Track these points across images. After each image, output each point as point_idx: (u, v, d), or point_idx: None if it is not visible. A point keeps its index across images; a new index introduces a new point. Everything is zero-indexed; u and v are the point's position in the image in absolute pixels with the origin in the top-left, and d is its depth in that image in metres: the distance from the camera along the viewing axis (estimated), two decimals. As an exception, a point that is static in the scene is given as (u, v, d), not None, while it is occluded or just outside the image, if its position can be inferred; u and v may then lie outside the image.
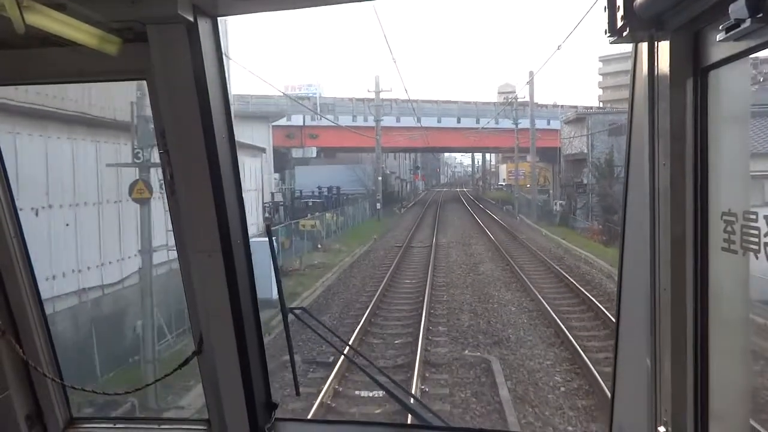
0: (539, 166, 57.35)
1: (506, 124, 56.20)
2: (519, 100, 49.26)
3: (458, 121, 59.75)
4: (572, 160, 45.20)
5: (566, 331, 12.07)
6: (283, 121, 49.35)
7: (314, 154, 51.09)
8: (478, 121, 57.89)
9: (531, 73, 42.74)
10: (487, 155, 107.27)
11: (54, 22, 1.64)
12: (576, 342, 11.46)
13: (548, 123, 55.38)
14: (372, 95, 46.97)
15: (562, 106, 58.55)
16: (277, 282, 2.49)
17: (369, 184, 46.78)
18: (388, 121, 54.10)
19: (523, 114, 50.47)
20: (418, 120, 51.95)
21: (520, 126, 50.42)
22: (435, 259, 21.93)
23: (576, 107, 50.70)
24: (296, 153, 51.44)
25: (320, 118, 49.46)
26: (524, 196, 49.70)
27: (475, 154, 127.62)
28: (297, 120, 51.27)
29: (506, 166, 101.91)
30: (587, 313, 14.17)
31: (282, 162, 52.73)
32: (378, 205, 45.00)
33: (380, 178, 46.91)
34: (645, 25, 1.62)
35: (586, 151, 40.17)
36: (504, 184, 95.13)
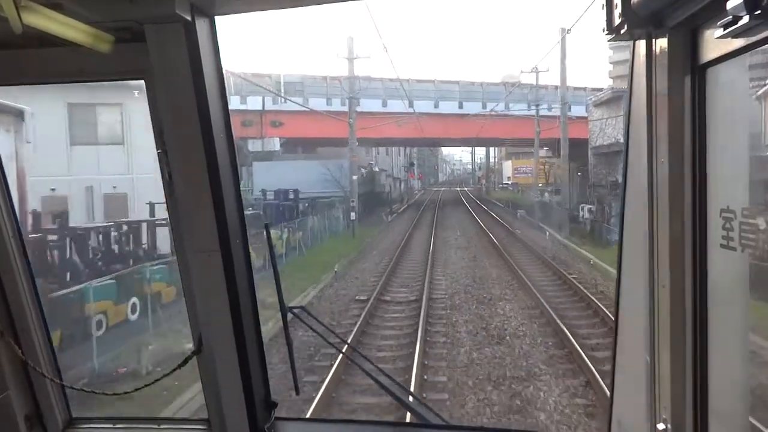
0: (550, 162, 53.64)
1: (519, 110, 48.90)
2: (528, 81, 44.47)
3: (460, 106, 51.43)
4: (604, 153, 39.31)
5: None
6: (237, 104, 41.86)
7: (277, 147, 46.68)
8: (484, 107, 49.82)
9: (563, 30, 27.63)
10: (491, 150, 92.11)
11: (51, 22, 1.70)
12: None
13: (569, 109, 45.23)
14: (347, 67, 38.86)
15: (585, 88, 51.85)
16: (275, 279, 2.51)
17: (348, 184, 40.34)
18: (371, 105, 46.17)
19: (541, 98, 45.06)
20: (411, 104, 44.36)
21: (536, 112, 45.13)
22: (424, 358, 11.07)
23: (602, 89, 46.59)
24: (255, 145, 44.70)
25: (284, 101, 41.50)
26: (536, 198, 44.88)
27: (476, 149, 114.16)
28: (255, 104, 43.36)
29: (512, 163, 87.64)
30: None
31: (238, 157, 34.97)
32: (352, 215, 36.10)
33: (355, 178, 38.15)
34: (643, 23, 1.69)
35: (623, 140, 22.60)
36: (510, 182, 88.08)
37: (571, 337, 11.30)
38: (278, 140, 41.92)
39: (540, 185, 50.59)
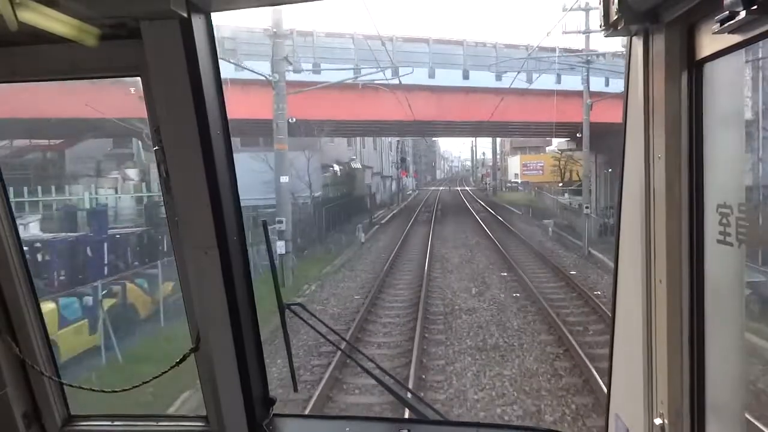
0: (567, 156, 45.39)
1: (543, 84, 34.30)
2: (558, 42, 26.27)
3: (465, 77, 36.59)
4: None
5: None
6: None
7: (193, 133, 16.57)
8: (499, 78, 35.63)
9: None
10: (496, 142, 78.11)
11: (46, 18, 1.82)
12: None
13: (607, 83, 34.39)
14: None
15: (621, 53, 36.50)
16: (273, 276, 2.66)
17: (300, 186, 28.73)
18: (338, 73, 31.37)
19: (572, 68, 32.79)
20: (395, 72, 29.85)
21: (554, 87, 33.43)
22: None
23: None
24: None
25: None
26: (550, 199, 40.10)
27: (477, 142, 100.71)
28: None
29: (520, 158, 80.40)
30: None
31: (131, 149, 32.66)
32: (281, 248, 20.90)
33: (285, 180, 22.99)
34: (639, 19, 1.80)
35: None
36: (519, 181, 76.20)
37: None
38: (197, 123, 26.13)
39: (560, 185, 46.03)
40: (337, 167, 46.46)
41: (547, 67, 36.35)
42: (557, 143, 60.50)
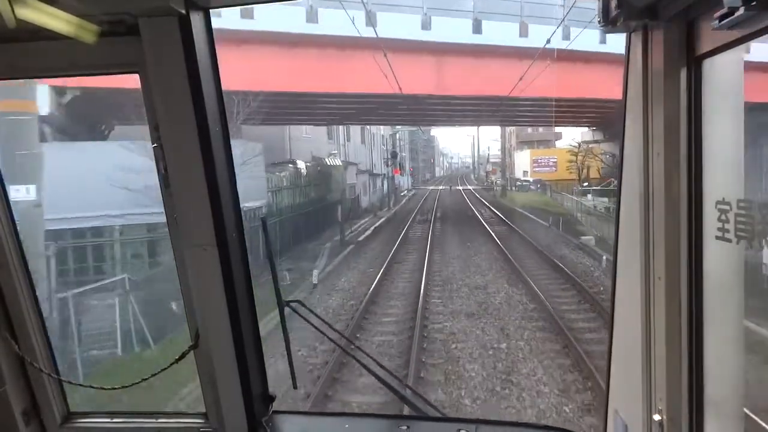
0: (585, 147, 38.05)
1: (582, 44, 23.90)
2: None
3: (476, 30, 25.46)
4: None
5: None
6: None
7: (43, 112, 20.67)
8: (524, 34, 25.96)
9: None
10: (505, 133, 67.32)
11: (45, 15, 1.91)
12: None
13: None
14: None
15: None
16: (272, 273, 2.80)
17: (257, 189, 21.74)
18: (277, 20, 23.85)
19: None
20: (370, 21, 21.37)
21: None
22: None
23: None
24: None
25: None
26: (571, 201, 33.25)
27: (480, 133, 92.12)
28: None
29: (530, 153, 68.13)
30: None
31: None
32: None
33: (30, 198, 12.23)
34: (638, 14, 1.84)
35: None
36: (530, 179, 62.38)
37: None
38: (48, 92, 15.88)
39: (585, 184, 36.33)
40: (301, 164, 35.56)
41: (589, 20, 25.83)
42: (581, 133, 49.59)
